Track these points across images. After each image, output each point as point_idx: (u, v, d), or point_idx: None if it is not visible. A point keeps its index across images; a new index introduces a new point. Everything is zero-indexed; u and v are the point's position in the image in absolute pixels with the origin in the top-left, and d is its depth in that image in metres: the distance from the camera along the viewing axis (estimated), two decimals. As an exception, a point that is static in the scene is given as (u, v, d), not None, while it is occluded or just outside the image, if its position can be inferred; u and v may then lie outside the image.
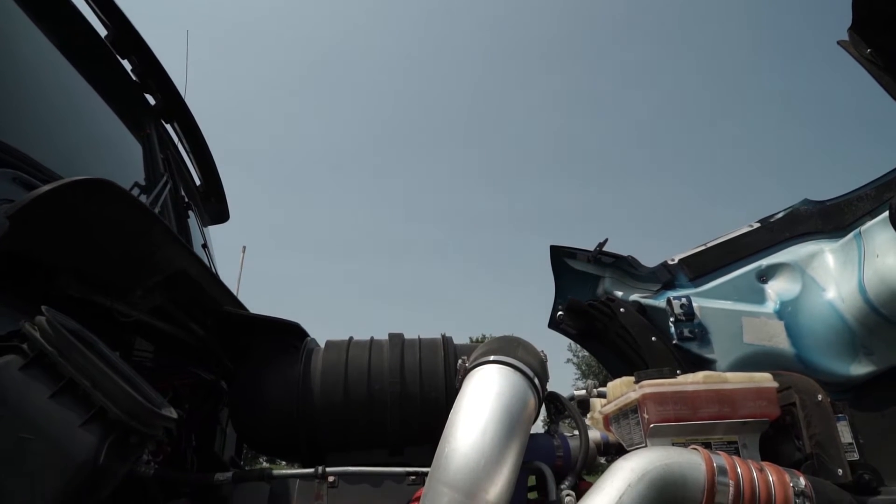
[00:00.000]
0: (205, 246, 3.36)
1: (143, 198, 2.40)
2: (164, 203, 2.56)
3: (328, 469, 1.80)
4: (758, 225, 2.42)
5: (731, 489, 1.33)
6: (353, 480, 1.81)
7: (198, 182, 3.58)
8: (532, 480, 1.82)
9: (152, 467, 1.71)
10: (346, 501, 1.76)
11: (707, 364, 2.17)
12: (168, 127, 3.21)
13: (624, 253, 2.53)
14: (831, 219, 2.30)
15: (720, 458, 1.38)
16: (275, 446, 2.23)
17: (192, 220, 3.22)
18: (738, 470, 1.36)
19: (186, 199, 3.13)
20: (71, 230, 1.56)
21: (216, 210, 3.76)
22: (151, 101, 3.02)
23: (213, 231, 3.87)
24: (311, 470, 1.79)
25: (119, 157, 2.63)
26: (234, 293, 2.64)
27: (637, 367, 2.19)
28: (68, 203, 1.47)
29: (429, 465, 1.48)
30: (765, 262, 2.34)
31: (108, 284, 1.88)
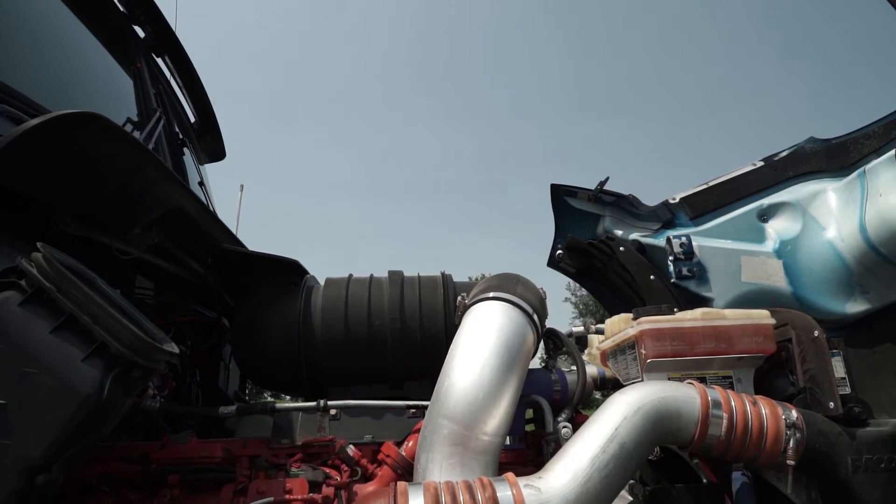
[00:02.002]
0: (201, 184, 3.32)
1: (136, 134, 2.35)
2: (158, 139, 2.51)
3: (330, 402, 1.84)
4: (761, 163, 2.38)
5: (725, 421, 1.36)
6: (354, 413, 1.86)
7: (192, 119, 3.51)
8: (531, 414, 1.87)
9: (158, 401, 1.75)
10: (348, 433, 1.80)
11: (705, 302, 2.18)
12: (159, 61, 3.12)
13: (625, 192, 2.50)
14: (836, 157, 2.26)
15: (715, 392, 1.41)
16: (277, 381, 2.27)
17: (188, 158, 3.17)
18: (732, 403, 1.39)
19: (181, 136, 3.07)
20: (63, 165, 1.53)
21: (212, 147, 3.69)
22: (141, 33, 2.92)
23: (210, 169, 3.82)
24: (314, 403, 1.83)
25: (110, 91, 2.57)
26: (233, 232, 2.63)
27: (635, 305, 2.21)
28: (58, 137, 1.43)
29: (429, 399, 1.51)
30: (766, 201, 2.31)
31: (105, 222, 1.86)
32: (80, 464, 1.54)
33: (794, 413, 1.39)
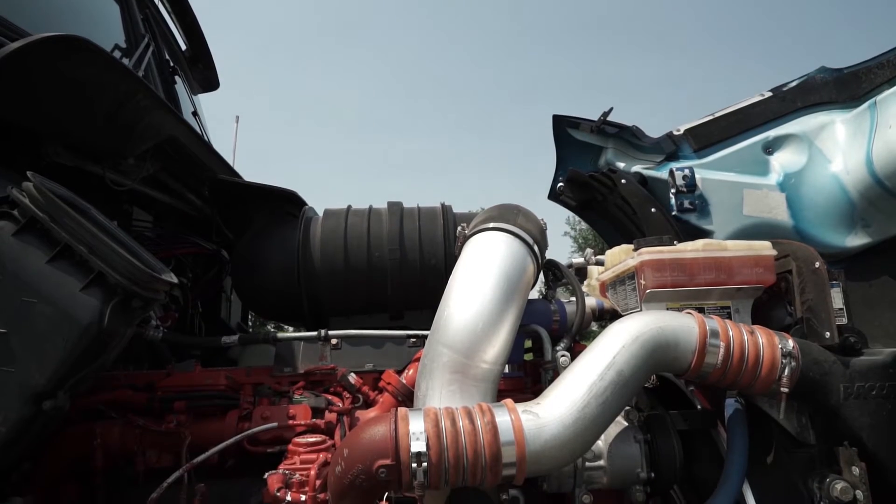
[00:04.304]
0: (195, 114, 3.24)
1: (124, 61, 2.27)
2: (147, 66, 2.42)
3: (331, 332, 1.86)
4: (769, 94, 2.31)
5: (721, 350, 1.37)
6: (355, 343, 1.88)
7: (183, 47, 3.38)
8: (530, 344, 1.90)
9: (161, 331, 1.77)
10: (349, 362, 1.83)
11: (705, 235, 2.17)
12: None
13: (628, 123, 2.45)
14: (846, 88, 2.19)
15: (713, 322, 1.42)
16: (278, 312, 2.29)
17: (180, 87, 3.08)
18: (730, 332, 1.40)
19: (172, 64, 2.97)
20: (47, 92, 1.48)
21: (204, 77, 3.57)
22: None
23: (204, 100, 3.71)
24: (315, 333, 1.85)
25: (94, 15, 2.45)
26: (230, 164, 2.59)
27: (635, 238, 2.20)
28: (41, 62, 1.38)
29: (429, 329, 1.52)
30: (772, 132, 2.26)
31: (97, 152, 1.83)
32: (86, 391, 1.57)
33: (791, 342, 1.40)
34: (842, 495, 1.39)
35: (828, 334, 1.52)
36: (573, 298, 1.86)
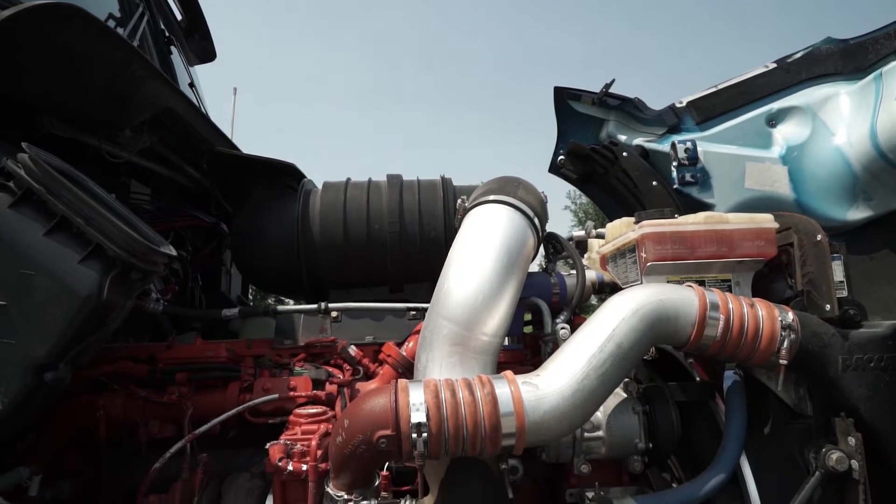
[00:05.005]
0: (192, 85, 3.20)
1: (118, 30, 2.23)
2: (142, 36, 2.38)
3: (331, 305, 1.86)
4: (774, 65, 2.28)
5: (721, 323, 1.38)
6: (355, 315, 1.89)
7: (179, 17, 3.32)
8: (530, 317, 1.90)
9: (162, 304, 1.77)
10: (349, 335, 1.84)
11: (706, 209, 2.16)
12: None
13: (631, 95, 2.42)
14: (853, 59, 2.16)
15: (713, 295, 1.42)
16: (278, 285, 2.29)
17: (176, 58, 3.03)
18: (730, 305, 1.40)
19: (167, 34, 2.92)
20: (39, 62, 1.46)
21: (201, 48, 3.51)
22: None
23: (201, 72, 3.66)
24: (315, 306, 1.86)
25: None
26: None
27: (636, 211, 2.19)
28: (33, 31, 1.35)
29: (429, 302, 1.52)
30: (776, 105, 2.23)
31: (92, 124, 1.80)
32: (88, 363, 1.57)
33: (790, 315, 1.40)
34: (837, 465, 1.41)
35: (828, 307, 1.52)
36: (573, 271, 1.86)
